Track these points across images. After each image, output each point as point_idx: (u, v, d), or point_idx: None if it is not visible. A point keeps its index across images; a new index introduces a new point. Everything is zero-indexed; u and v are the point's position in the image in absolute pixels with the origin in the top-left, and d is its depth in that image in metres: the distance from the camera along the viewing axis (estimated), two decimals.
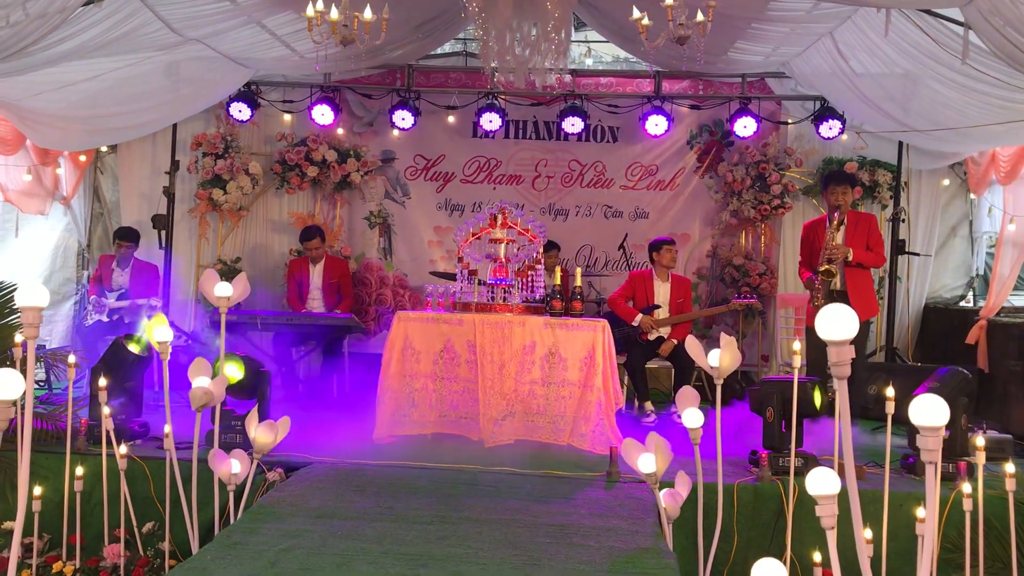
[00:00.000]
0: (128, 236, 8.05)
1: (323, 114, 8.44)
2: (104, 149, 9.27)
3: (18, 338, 4.59)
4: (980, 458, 4.49)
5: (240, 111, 8.48)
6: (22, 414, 3.28)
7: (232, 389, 5.11)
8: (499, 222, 6.29)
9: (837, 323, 2.27)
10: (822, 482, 2.63)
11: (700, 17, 4.63)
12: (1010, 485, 4.45)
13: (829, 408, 5.40)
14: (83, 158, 8.97)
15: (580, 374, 5.97)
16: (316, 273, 8.23)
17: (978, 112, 6.39)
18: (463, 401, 6.03)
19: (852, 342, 2.34)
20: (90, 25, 5.53)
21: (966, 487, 4.45)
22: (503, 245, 6.27)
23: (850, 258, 6.42)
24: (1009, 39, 4.67)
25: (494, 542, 4.06)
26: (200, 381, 4.57)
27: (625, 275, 8.35)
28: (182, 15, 6.03)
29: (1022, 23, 4.51)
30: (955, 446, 5.23)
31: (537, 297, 6.26)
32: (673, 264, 7.55)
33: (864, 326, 6.70)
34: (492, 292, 6.23)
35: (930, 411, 2.34)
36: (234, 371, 5.66)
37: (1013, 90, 5.65)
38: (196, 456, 4.67)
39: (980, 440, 4.55)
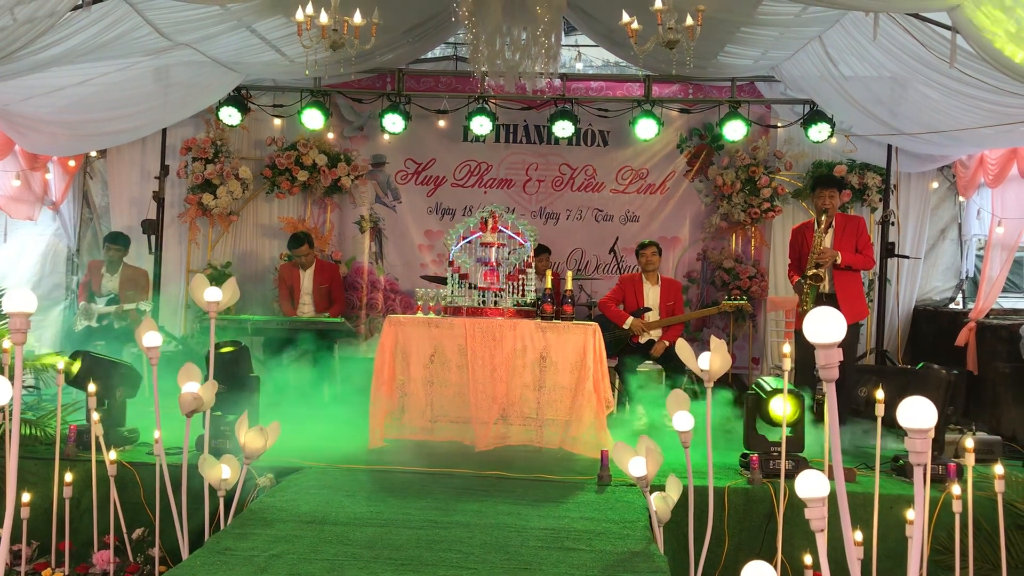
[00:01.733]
0: (117, 240, 8.02)
1: (313, 118, 8.43)
2: (93, 154, 9.24)
3: (6, 344, 4.56)
4: (969, 460, 4.51)
5: (230, 115, 8.47)
6: (10, 420, 3.26)
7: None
8: (490, 226, 6.29)
9: (824, 326, 2.28)
10: (811, 485, 2.63)
11: (689, 21, 4.65)
12: (999, 487, 4.47)
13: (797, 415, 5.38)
14: (72, 163, 8.93)
15: (571, 377, 5.97)
16: (307, 278, 8.22)
17: (966, 115, 6.42)
18: (454, 405, 6.02)
19: (841, 345, 2.35)
20: (79, 30, 5.52)
21: (956, 489, 4.46)
22: (494, 249, 6.26)
23: (839, 261, 6.44)
24: (995, 42, 4.69)
25: (485, 547, 4.05)
26: (189, 386, 4.55)
27: (616, 278, 8.36)
28: (171, 20, 6.02)
29: (1009, 26, 4.53)
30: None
31: (528, 301, 6.26)
32: (651, 267, 7.55)
33: (854, 328, 6.72)
34: (483, 296, 6.23)
35: (918, 413, 2.35)
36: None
37: (1001, 93, 5.67)
38: (186, 461, 4.66)
39: (969, 442, 4.57)
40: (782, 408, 5.15)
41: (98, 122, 7.59)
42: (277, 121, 9.02)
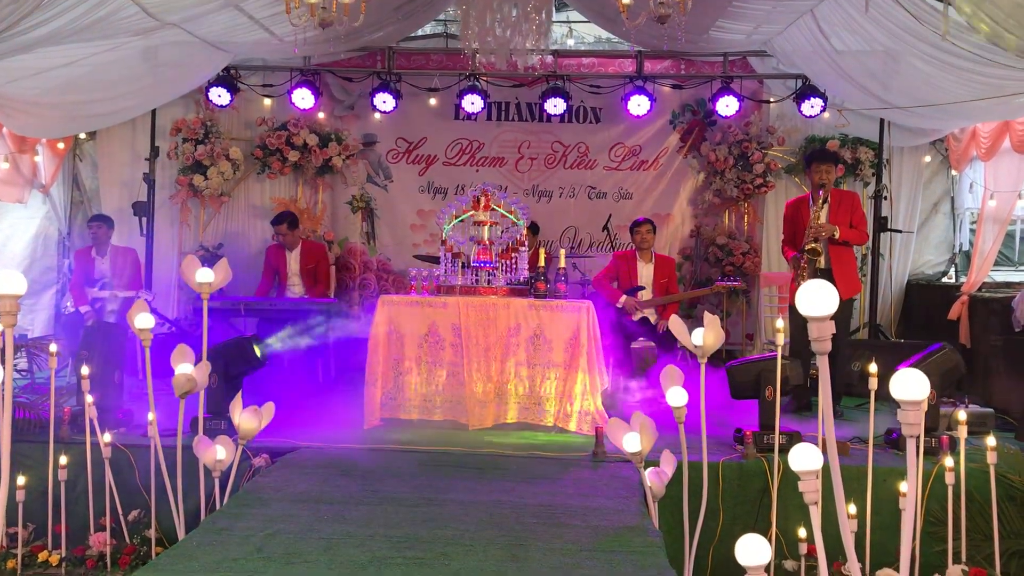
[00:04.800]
0: (97, 220, 7.92)
1: (303, 98, 8.37)
2: (83, 136, 9.17)
3: None
4: (962, 432, 4.54)
5: (219, 96, 8.40)
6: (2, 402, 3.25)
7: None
8: (482, 204, 6.27)
9: (817, 299, 2.28)
10: (804, 458, 2.64)
11: None
12: (991, 458, 4.51)
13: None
14: (61, 145, 8.87)
15: (565, 355, 5.98)
16: (293, 259, 8.19)
17: (959, 88, 6.40)
18: (449, 384, 6.03)
19: (835, 319, 2.35)
20: (65, 10, 5.44)
21: (948, 461, 4.50)
22: (486, 227, 6.25)
23: (837, 236, 6.44)
24: (988, 14, 4.67)
25: (480, 523, 4.07)
26: (183, 368, 4.54)
27: (609, 256, 8.36)
28: None
29: None
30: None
31: (521, 279, 6.26)
32: (645, 245, 7.55)
33: (848, 304, 6.73)
34: (476, 275, 6.22)
35: (910, 385, 2.35)
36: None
37: (993, 66, 5.65)
38: (181, 443, 4.66)
39: (962, 414, 4.59)
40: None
41: (87, 103, 7.52)
42: (267, 101, 8.97)
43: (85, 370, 4.92)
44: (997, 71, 5.72)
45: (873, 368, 4.61)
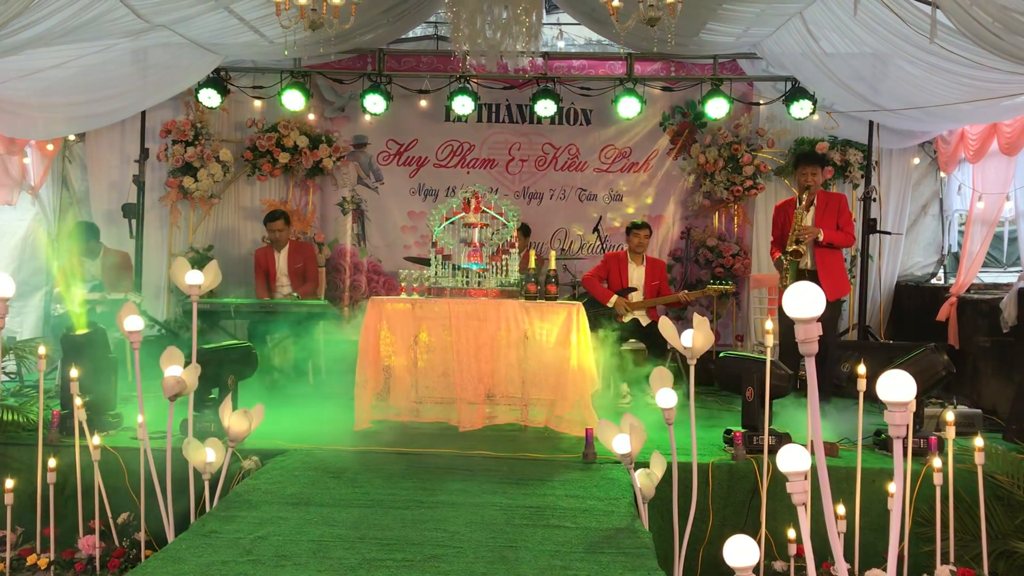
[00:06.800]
0: (82, 231, 7.76)
1: (294, 99, 8.37)
2: (72, 138, 9.13)
3: None
4: (950, 433, 4.56)
5: (209, 97, 8.40)
6: None
7: None
8: (472, 206, 6.27)
9: (803, 301, 2.29)
10: (792, 459, 2.65)
11: None
12: (979, 459, 4.53)
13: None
14: (50, 147, 8.81)
15: (555, 356, 5.97)
16: (282, 259, 8.18)
17: (947, 91, 6.44)
18: (439, 386, 6.02)
19: (822, 320, 2.36)
20: (54, 11, 5.43)
21: (936, 462, 4.52)
22: (477, 229, 6.25)
23: (820, 239, 6.46)
24: (976, 18, 4.70)
25: (470, 525, 4.07)
26: (172, 370, 4.53)
27: (599, 258, 8.37)
28: (148, 0, 5.94)
29: (988, 2, 4.54)
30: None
31: (512, 281, 6.26)
32: (641, 248, 7.58)
33: (836, 305, 6.75)
34: (467, 276, 6.22)
35: (897, 386, 2.36)
36: None
37: (981, 69, 5.68)
38: (170, 445, 4.65)
39: (950, 415, 4.62)
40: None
41: (76, 105, 7.50)
42: (257, 103, 8.96)
43: (74, 372, 4.90)
44: (985, 74, 5.76)
45: (862, 369, 4.63)
